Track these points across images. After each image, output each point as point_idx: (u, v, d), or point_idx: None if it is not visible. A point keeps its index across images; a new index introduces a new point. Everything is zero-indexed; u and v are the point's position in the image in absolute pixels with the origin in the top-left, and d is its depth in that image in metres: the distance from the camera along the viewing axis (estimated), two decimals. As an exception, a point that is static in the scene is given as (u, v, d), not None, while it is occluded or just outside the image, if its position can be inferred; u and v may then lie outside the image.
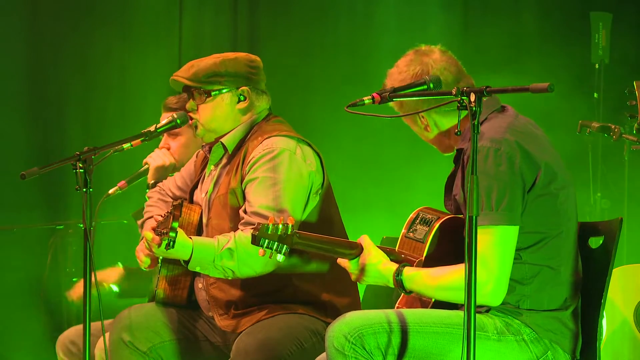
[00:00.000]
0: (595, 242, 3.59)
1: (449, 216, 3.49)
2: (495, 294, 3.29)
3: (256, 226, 3.34)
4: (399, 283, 3.39)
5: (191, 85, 4.05)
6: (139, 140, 3.94)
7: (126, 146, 3.89)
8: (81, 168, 3.65)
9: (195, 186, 4.23)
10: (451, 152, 3.56)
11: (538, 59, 6.67)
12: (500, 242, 3.29)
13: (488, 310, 3.40)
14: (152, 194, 4.36)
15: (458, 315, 3.33)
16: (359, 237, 3.49)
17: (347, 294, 4.04)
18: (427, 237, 3.46)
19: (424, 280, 3.36)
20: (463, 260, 3.07)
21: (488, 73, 5.36)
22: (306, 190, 3.97)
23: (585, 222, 3.60)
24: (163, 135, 4.67)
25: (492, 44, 6.57)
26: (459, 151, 3.46)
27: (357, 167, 6.69)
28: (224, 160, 4.11)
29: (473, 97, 3.07)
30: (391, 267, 3.41)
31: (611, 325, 4.79)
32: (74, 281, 6.05)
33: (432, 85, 3.42)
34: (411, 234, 3.51)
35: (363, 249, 3.44)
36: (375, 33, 6.92)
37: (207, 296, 4.06)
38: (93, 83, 6.84)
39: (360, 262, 3.44)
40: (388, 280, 3.42)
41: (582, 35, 6.51)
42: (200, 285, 4.10)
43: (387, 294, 3.67)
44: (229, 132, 4.09)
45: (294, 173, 3.94)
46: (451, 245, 3.43)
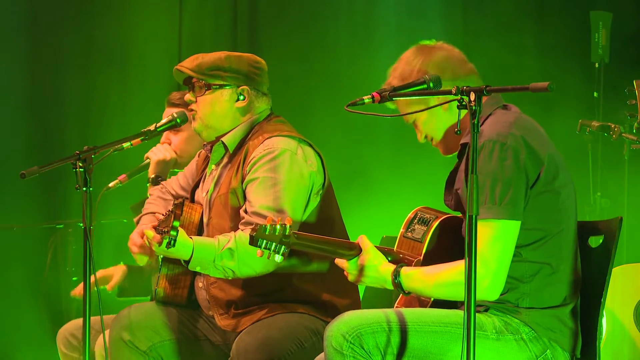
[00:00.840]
0: (595, 242, 3.59)
1: (447, 215, 3.49)
2: (492, 289, 3.28)
3: (254, 227, 3.34)
4: (397, 284, 3.39)
5: (193, 76, 4.06)
6: (139, 139, 3.95)
7: (126, 145, 3.90)
8: (81, 167, 3.66)
9: (196, 185, 4.23)
10: (452, 154, 3.56)
11: (538, 58, 6.67)
12: (501, 236, 3.28)
13: (487, 309, 3.40)
14: (153, 192, 4.37)
15: (457, 314, 3.33)
16: (358, 238, 3.48)
17: (347, 295, 4.04)
18: (426, 237, 3.46)
19: (422, 277, 3.36)
20: (461, 258, 3.07)
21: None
22: (307, 190, 3.97)
23: (585, 222, 3.59)
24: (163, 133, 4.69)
25: (492, 44, 6.57)
26: (463, 146, 3.46)
27: (357, 167, 6.69)
28: (225, 159, 4.12)
29: (473, 96, 3.07)
30: (389, 269, 3.41)
31: (611, 324, 4.79)
32: (74, 280, 6.06)
33: (432, 84, 3.42)
34: (409, 234, 3.51)
35: (361, 250, 3.44)
36: (375, 33, 6.92)
37: (208, 295, 4.06)
38: (93, 83, 6.84)
39: (358, 263, 3.44)
40: (386, 281, 3.40)
41: (582, 34, 6.51)
42: (200, 284, 4.10)
43: (387, 295, 3.67)
44: (230, 132, 4.09)
45: (295, 173, 3.94)
46: (449, 244, 3.43)
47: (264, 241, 3.33)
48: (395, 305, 3.53)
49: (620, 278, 4.79)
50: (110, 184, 4.69)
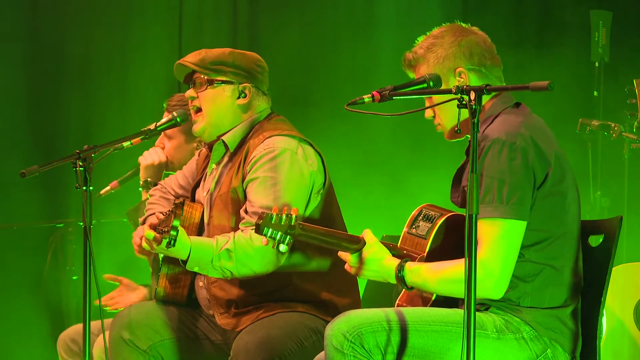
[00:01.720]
0: (595, 241, 3.59)
1: (452, 213, 3.49)
2: (497, 288, 3.28)
3: (260, 215, 3.33)
4: (401, 278, 3.38)
5: (196, 70, 4.05)
6: (139, 138, 3.95)
7: (126, 144, 3.89)
8: (81, 166, 3.66)
9: (197, 184, 4.22)
10: (455, 140, 3.55)
11: (538, 57, 6.66)
12: (507, 236, 3.28)
13: (487, 308, 3.40)
14: (155, 192, 4.36)
15: (457, 313, 3.33)
16: (362, 232, 3.48)
17: (348, 294, 4.03)
18: (430, 234, 3.46)
19: (426, 273, 3.35)
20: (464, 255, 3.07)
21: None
22: (307, 190, 3.97)
23: (585, 221, 3.59)
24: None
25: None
26: None
27: (357, 167, 6.68)
28: (226, 158, 4.11)
29: (473, 96, 3.07)
30: (393, 263, 3.40)
31: (611, 323, 4.79)
32: (74, 279, 6.07)
33: (432, 83, 3.42)
34: (414, 230, 3.50)
35: (365, 243, 3.44)
36: (375, 33, 6.92)
37: (208, 295, 4.06)
38: (93, 83, 6.84)
39: (362, 256, 3.43)
40: (389, 274, 3.40)
41: (582, 33, 6.51)
42: (201, 283, 4.10)
43: (388, 294, 3.66)
44: (230, 131, 4.08)
45: (295, 173, 3.93)
46: (454, 241, 3.42)
47: (270, 230, 3.32)
48: (397, 301, 3.52)
49: (620, 277, 4.79)
50: (101, 191, 4.70)
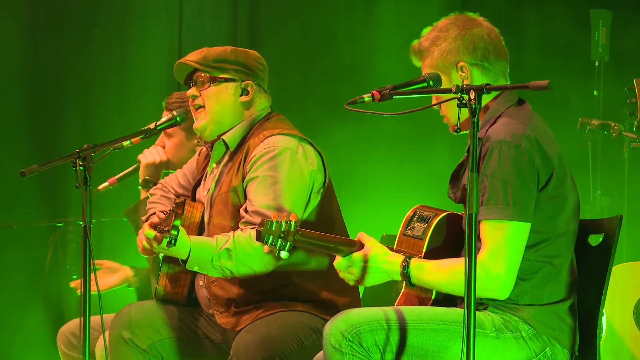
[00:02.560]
0: (595, 240, 3.59)
1: (447, 212, 3.49)
2: (504, 288, 3.29)
3: (261, 222, 3.33)
4: (406, 274, 3.38)
5: (199, 68, 4.04)
6: (139, 137, 3.95)
7: (126, 144, 3.90)
8: (81, 165, 3.66)
9: (197, 184, 4.22)
10: (458, 133, 3.54)
11: (537, 57, 6.66)
12: (513, 237, 3.29)
13: (486, 307, 3.40)
14: (155, 191, 4.36)
15: (456, 312, 3.33)
16: (357, 235, 3.47)
17: (347, 293, 4.03)
18: (426, 234, 3.45)
19: (433, 269, 3.35)
20: (463, 255, 3.07)
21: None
22: (307, 189, 3.97)
23: (585, 220, 3.59)
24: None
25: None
26: None
27: (357, 167, 6.68)
28: (226, 157, 4.11)
29: (473, 95, 3.07)
30: (397, 259, 3.39)
31: (611, 322, 4.79)
32: (74, 278, 6.06)
33: (432, 82, 3.42)
34: (409, 232, 3.50)
35: (363, 246, 3.43)
36: (375, 32, 6.92)
37: (208, 294, 4.06)
38: (93, 82, 6.84)
39: (363, 258, 3.40)
40: (394, 271, 3.38)
41: (582, 32, 6.51)
42: (201, 282, 4.10)
43: (387, 293, 3.66)
44: (230, 130, 4.08)
45: (295, 172, 3.93)
46: (451, 240, 3.43)
47: (270, 237, 3.32)
48: (396, 302, 3.52)
49: (620, 276, 4.79)
50: (99, 187, 4.69)
